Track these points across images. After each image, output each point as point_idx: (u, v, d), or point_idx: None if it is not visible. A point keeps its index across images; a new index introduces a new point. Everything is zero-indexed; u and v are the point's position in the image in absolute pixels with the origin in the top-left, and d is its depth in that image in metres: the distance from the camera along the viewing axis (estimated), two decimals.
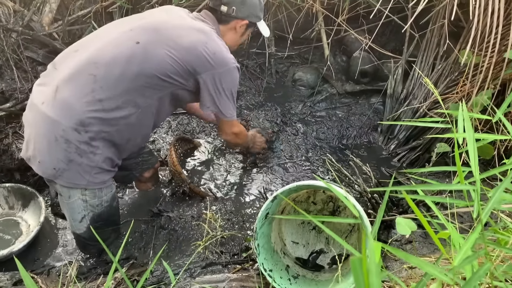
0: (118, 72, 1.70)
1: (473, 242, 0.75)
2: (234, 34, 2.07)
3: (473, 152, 0.83)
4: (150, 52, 1.73)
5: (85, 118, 1.69)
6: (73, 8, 3.52)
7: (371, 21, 3.04)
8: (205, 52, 1.80)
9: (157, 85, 1.78)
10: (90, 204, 1.89)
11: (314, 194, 2.20)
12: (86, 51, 1.75)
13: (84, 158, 1.74)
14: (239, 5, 1.97)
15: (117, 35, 1.77)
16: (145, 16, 1.93)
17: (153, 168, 2.45)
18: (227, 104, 1.96)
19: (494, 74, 2.32)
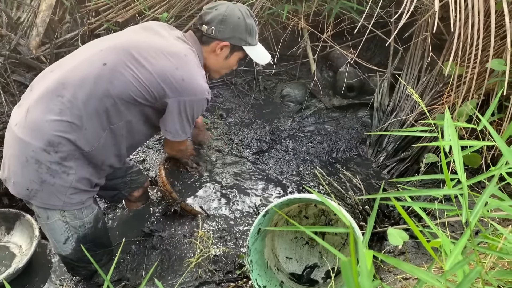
0: (85, 93, 1.67)
1: (463, 246, 0.76)
2: (216, 57, 1.95)
3: (458, 156, 0.85)
4: (117, 74, 1.70)
5: (53, 139, 1.67)
6: (60, 31, 3.54)
7: (356, 36, 3.10)
8: (173, 78, 1.74)
9: (123, 107, 1.75)
10: (72, 225, 1.86)
11: (306, 208, 2.21)
12: (59, 72, 1.74)
13: (57, 179, 1.73)
14: (218, 25, 1.86)
15: (88, 56, 1.75)
16: (122, 35, 1.88)
17: (142, 187, 2.42)
18: (186, 128, 1.92)
19: (478, 84, 2.37)
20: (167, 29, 1.92)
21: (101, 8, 3.50)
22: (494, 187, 0.97)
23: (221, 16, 1.84)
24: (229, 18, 1.85)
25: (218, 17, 1.84)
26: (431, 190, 0.90)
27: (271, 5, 3.22)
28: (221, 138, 3.10)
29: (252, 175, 2.84)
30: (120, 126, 1.80)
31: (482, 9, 2.19)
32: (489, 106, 2.34)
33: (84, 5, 3.56)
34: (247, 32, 1.91)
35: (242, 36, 1.90)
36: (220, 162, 2.91)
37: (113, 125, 1.77)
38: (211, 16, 1.85)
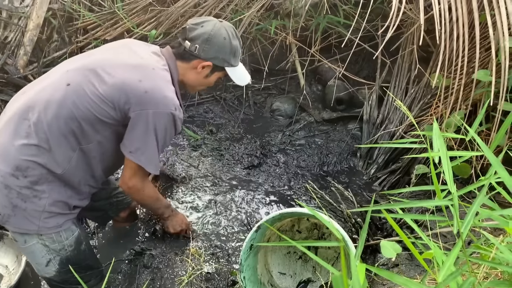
0: (49, 116, 1.61)
1: (455, 257, 0.75)
2: (196, 74, 1.86)
3: (447, 167, 0.85)
4: (80, 95, 1.62)
5: (21, 163, 1.60)
6: (48, 50, 3.53)
7: (343, 50, 3.14)
8: (135, 90, 1.64)
9: (89, 127, 1.66)
10: (52, 248, 1.76)
11: (299, 222, 2.20)
12: (28, 94, 1.68)
13: (28, 203, 1.65)
14: (203, 44, 1.77)
15: (55, 78, 1.69)
16: (91, 54, 1.82)
17: (129, 208, 2.36)
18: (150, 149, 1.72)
19: (465, 95, 2.39)
20: (142, 46, 1.86)
21: (89, 26, 3.50)
22: (485, 197, 0.97)
23: (207, 35, 1.76)
24: (215, 38, 1.77)
25: (204, 35, 1.76)
26: (422, 201, 0.90)
27: (259, 21, 3.24)
28: (212, 154, 3.09)
29: (244, 190, 2.83)
30: (90, 148, 1.71)
31: (466, 21, 2.23)
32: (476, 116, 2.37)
33: (72, 24, 3.57)
34: (231, 54, 1.84)
35: (226, 58, 1.84)
36: (211, 178, 2.90)
37: (83, 146, 1.69)
38: (196, 33, 1.77)
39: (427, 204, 0.88)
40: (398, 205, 0.88)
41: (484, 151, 0.87)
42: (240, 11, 3.17)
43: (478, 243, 1.14)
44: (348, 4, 3.17)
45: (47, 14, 3.43)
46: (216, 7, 3.15)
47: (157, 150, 1.73)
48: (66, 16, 3.56)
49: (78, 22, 3.51)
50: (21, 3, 3.44)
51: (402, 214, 0.98)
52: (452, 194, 0.87)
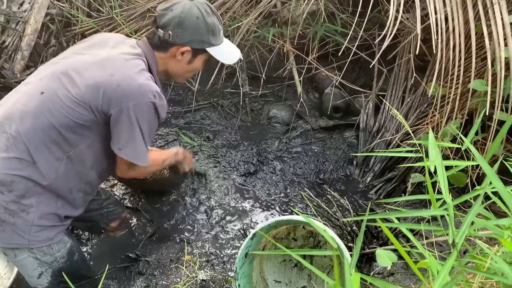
0: (27, 127, 1.54)
1: (450, 267, 0.75)
2: (178, 62, 1.75)
3: (443, 177, 0.85)
4: (55, 102, 1.54)
5: (4, 178, 1.54)
6: (46, 55, 3.53)
7: (341, 58, 3.15)
8: (108, 85, 1.55)
9: (71, 134, 1.58)
10: (44, 261, 1.71)
11: (294, 230, 2.19)
12: (5, 105, 1.61)
13: (17, 218, 1.58)
14: (175, 28, 1.64)
15: (29, 87, 1.61)
16: (64, 56, 1.71)
17: (119, 218, 2.33)
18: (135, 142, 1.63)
19: (461, 105, 2.40)
20: (117, 40, 1.74)
21: (87, 32, 3.50)
22: (480, 206, 0.97)
23: (177, 19, 1.63)
24: (187, 20, 1.64)
25: (174, 19, 1.63)
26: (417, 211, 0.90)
27: (257, 28, 3.26)
28: (208, 161, 3.08)
29: (240, 197, 2.82)
30: (78, 153, 1.63)
31: (463, 31, 2.24)
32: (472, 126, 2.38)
33: (70, 29, 3.57)
34: (209, 33, 1.69)
35: (204, 38, 1.69)
36: (207, 184, 2.89)
37: (70, 153, 1.61)
38: (166, 19, 1.64)
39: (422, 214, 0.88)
40: (393, 214, 0.88)
41: (479, 161, 0.87)
42: (238, 18, 3.18)
43: (473, 253, 1.14)
44: (345, 13, 3.19)
45: (45, 19, 3.44)
46: None
47: (144, 142, 1.65)
48: (64, 21, 3.56)
49: (76, 28, 3.51)
50: (19, 7, 3.45)
51: (398, 224, 0.97)
52: (447, 204, 0.87)
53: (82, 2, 3.53)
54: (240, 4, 3.09)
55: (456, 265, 0.88)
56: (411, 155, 1.28)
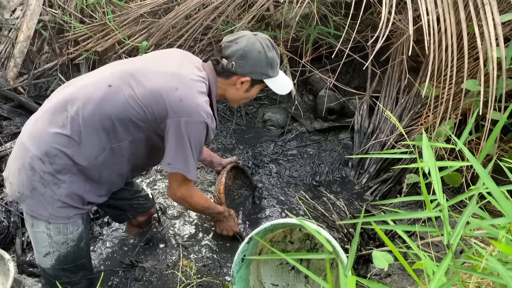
0: (87, 111, 1.70)
1: (445, 268, 0.75)
2: (236, 90, 1.90)
3: (436, 179, 0.85)
4: (118, 97, 1.71)
5: (51, 150, 1.70)
6: (38, 62, 3.52)
7: (334, 60, 3.16)
8: (171, 97, 1.70)
9: (124, 129, 1.74)
10: (55, 241, 1.82)
11: (291, 233, 2.19)
12: (69, 89, 1.79)
13: (47, 189, 1.73)
14: (239, 60, 1.79)
15: (98, 77, 1.79)
16: (136, 60, 1.93)
17: (148, 213, 2.42)
18: (187, 157, 1.78)
19: (455, 105, 2.41)
20: (186, 57, 1.94)
21: (80, 38, 3.50)
22: (474, 207, 0.98)
23: (241, 52, 1.78)
24: (250, 54, 1.79)
25: (238, 52, 1.79)
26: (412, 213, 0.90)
27: None
28: (203, 165, 3.07)
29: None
30: (121, 146, 1.78)
31: (455, 31, 2.25)
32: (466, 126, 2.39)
33: (63, 35, 3.56)
34: (268, 66, 1.85)
35: (263, 71, 1.85)
36: (202, 189, 2.88)
37: (114, 145, 1.76)
38: (231, 51, 1.80)
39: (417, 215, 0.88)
40: (387, 217, 0.88)
41: (472, 162, 0.87)
42: (231, 22, 3.18)
43: (469, 253, 1.14)
44: (338, 15, 3.20)
45: (37, 26, 3.43)
46: (207, 19, 3.17)
47: (193, 157, 1.79)
48: (57, 28, 3.55)
49: (69, 34, 3.50)
50: (11, 15, 3.43)
51: (393, 226, 0.97)
52: (441, 205, 0.87)
53: (74, 8, 3.52)
54: (233, 8, 3.09)
55: (451, 267, 0.88)
56: (405, 156, 1.28)
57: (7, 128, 3.02)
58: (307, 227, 0.98)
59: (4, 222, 2.48)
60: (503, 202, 0.88)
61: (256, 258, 1.57)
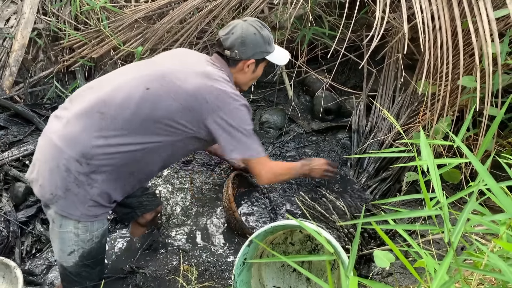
0: (127, 114, 1.79)
1: (447, 266, 0.75)
2: (244, 74, 2.09)
3: (435, 176, 0.85)
4: (158, 99, 1.81)
5: (89, 151, 1.76)
6: (34, 70, 3.51)
7: (330, 61, 3.16)
8: (208, 95, 1.84)
9: (164, 130, 1.84)
10: (81, 239, 1.89)
11: (291, 234, 2.18)
12: (100, 90, 1.85)
13: (81, 189, 1.79)
14: (240, 47, 1.97)
15: (130, 79, 1.87)
16: (156, 61, 2.01)
17: (155, 211, 2.43)
18: (248, 142, 1.94)
19: (451, 101, 2.41)
20: (197, 55, 2.09)
21: (75, 45, 3.49)
22: (474, 204, 0.97)
23: (240, 39, 1.96)
24: (248, 38, 1.97)
25: (238, 40, 1.96)
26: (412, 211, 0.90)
27: None
28: (202, 170, 3.07)
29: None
30: (159, 147, 1.87)
31: (450, 28, 2.25)
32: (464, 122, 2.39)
33: (58, 43, 3.55)
34: (266, 44, 2.03)
35: (263, 49, 2.03)
36: (202, 192, 2.88)
37: (152, 146, 1.85)
38: (230, 42, 1.97)
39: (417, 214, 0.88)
40: (387, 216, 0.88)
41: (470, 159, 0.87)
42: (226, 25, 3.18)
43: (470, 250, 1.14)
44: (332, 15, 3.20)
45: (32, 34, 3.42)
46: (202, 22, 3.16)
47: (251, 139, 1.95)
48: (52, 36, 3.55)
49: (63, 41, 3.49)
50: (5, 23, 3.43)
51: (393, 225, 0.97)
52: (441, 203, 0.87)
53: (69, 15, 3.52)
54: (228, 11, 3.09)
55: (453, 264, 0.88)
56: (403, 155, 1.28)
57: (4, 138, 3.01)
58: (306, 228, 0.98)
59: (3, 231, 2.47)
60: (503, 198, 0.88)
61: (257, 261, 1.56)
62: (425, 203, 1.02)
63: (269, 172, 2.07)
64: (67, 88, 3.52)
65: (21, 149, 2.95)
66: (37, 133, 3.13)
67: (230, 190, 2.48)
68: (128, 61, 3.44)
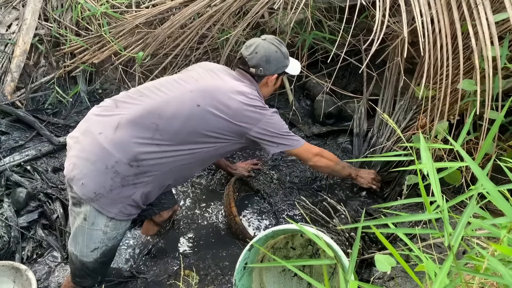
0: (178, 126, 1.96)
1: (447, 270, 0.75)
2: (267, 87, 2.32)
3: (435, 181, 0.85)
4: (207, 115, 2.00)
5: (140, 156, 1.90)
6: (36, 75, 3.52)
7: (330, 65, 3.16)
8: (248, 111, 2.07)
9: (211, 141, 2.06)
10: (108, 237, 2.00)
11: (292, 238, 2.18)
12: (152, 100, 2.00)
13: (125, 189, 1.92)
14: (265, 64, 2.18)
15: (180, 93, 2.04)
16: (199, 78, 2.15)
17: (172, 209, 2.48)
18: (287, 139, 2.20)
19: (451, 105, 2.41)
20: (226, 71, 2.26)
21: (77, 51, 3.50)
22: (474, 208, 0.97)
23: (265, 58, 2.17)
24: (271, 57, 2.18)
25: (262, 59, 2.17)
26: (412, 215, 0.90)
27: (245, 39, 3.26)
28: (203, 174, 3.07)
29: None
30: (202, 155, 2.06)
31: (449, 32, 2.26)
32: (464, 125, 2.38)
33: (59, 48, 3.57)
34: (286, 59, 2.27)
35: (284, 64, 2.27)
36: (203, 197, 2.88)
37: (197, 153, 2.05)
38: (256, 61, 2.18)
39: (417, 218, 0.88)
40: (388, 220, 0.88)
41: (469, 163, 0.87)
42: (227, 30, 3.19)
43: (471, 254, 1.13)
44: (333, 20, 3.20)
45: (33, 40, 3.43)
46: (202, 27, 3.17)
47: (288, 135, 2.22)
48: (53, 41, 3.56)
49: (65, 47, 3.50)
50: (7, 29, 3.44)
51: (393, 229, 0.97)
52: (441, 207, 0.87)
53: (70, 21, 3.53)
54: (228, 16, 3.09)
55: (454, 268, 0.87)
56: (402, 158, 1.28)
57: (5, 143, 3.01)
58: (307, 232, 0.98)
59: (4, 237, 2.48)
60: (501, 202, 0.88)
61: (258, 265, 1.56)
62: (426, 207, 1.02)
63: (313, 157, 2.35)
64: (68, 94, 3.53)
65: (23, 154, 2.96)
66: (38, 139, 3.14)
67: (231, 194, 2.49)
68: (130, 66, 3.45)
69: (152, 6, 3.40)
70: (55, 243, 2.55)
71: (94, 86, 3.62)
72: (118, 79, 3.57)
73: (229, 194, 2.50)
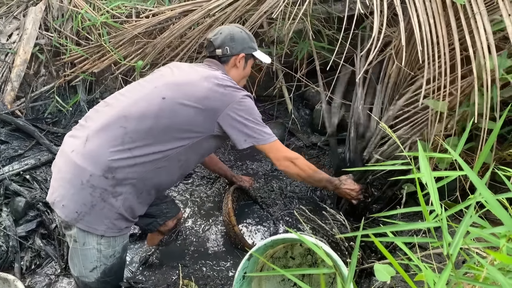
0: (149, 124, 1.89)
1: (446, 280, 0.75)
2: (237, 70, 2.24)
3: (432, 189, 0.85)
4: (176, 107, 1.93)
5: (113, 164, 1.83)
6: (36, 85, 3.54)
7: (329, 74, 3.17)
8: (218, 92, 1.98)
9: (184, 137, 1.96)
10: (104, 255, 1.94)
11: (292, 248, 2.17)
12: (117, 106, 1.94)
13: (106, 203, 1.85)
14: (230, 42, 2.17)
15: (145, 92, 1.97)
16: (164, 74, 2.10)
17: (176, 217, 2.45)
18: (257, 129, 2.07)
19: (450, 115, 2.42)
20: (194, 64, 2.24)
21: (77, 60, 3.53)
22: (472, 217, 0.97)
23: (229, 36, 2.17)
24: (235, 35, 2.18)
25: (227, 37, 2.17)
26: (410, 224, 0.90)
27: None
28: (202, 183, 3.07)
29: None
30: (179, 153, 1.98)
31: (447, 42, 2.27)
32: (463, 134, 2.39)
33: (59, 58, 3.59)
34: (251, 41, 2.25)
35: (250, 45, 2.23)
36: (202, 206, 2.87)
37: (174, 153, 1.96)
38: (220, 40, 2.17)
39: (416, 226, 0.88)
40: (386, 229, 0.88)
41: (467, 172, 0.87)
42: None
43: (470, 263, 1.13)
44: (331, 30, 3.22)
45: (34, 49, 3.46)
46: (201, 37, 3.19)
47: (261, 125, 2.10)
48: (53, 51, 3.58)
49: (65, 56, 3.53)
50: (8, 39, 3.46)
51: (392, 238, 0.97)
52: (439, 216, 0.87)
53: (70, 31, 3.56)
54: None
55: (453, 277, 0.87)
56: (402, 167, 1.28)
57: (4, 152, 3.02)
58: (306, 241, 0.98)
59: (2, 246, 2.47)
60: (499, 211, 0.88)
61: (257, 275, 1.56)
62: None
63: (283, 160, 2.19)
64: (68, 103, 3.54)
65: (22, 163, 2.96)
66: (38, 148, 3.14)
67: (229, 203, 2.48)
68: (129, 75, 3.46)
69: (152, 16, 3.43)
70: (54, 253, 2.54)
71: (94, 95, 3.63)
72: (118, 88, 3.58)
73: (228, 203, 2.49)
